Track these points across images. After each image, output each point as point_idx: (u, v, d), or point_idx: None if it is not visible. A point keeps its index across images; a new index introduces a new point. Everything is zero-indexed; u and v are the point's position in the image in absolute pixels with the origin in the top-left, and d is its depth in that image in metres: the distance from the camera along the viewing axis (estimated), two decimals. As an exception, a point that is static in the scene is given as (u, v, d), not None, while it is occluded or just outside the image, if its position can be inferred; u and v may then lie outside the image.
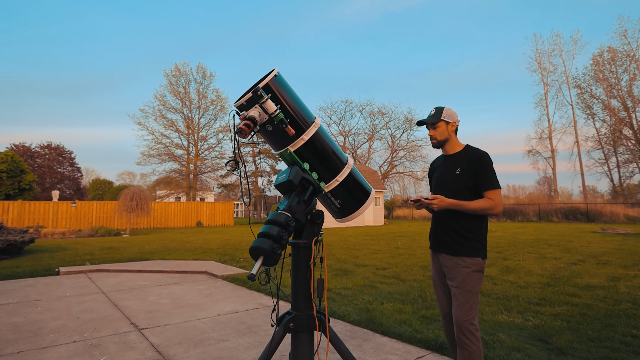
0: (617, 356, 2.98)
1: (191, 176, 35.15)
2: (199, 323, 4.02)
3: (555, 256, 8.74)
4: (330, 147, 2.05)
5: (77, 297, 5.24)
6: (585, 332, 3.54)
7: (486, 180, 2.26)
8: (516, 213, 29.56)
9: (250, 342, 3.42)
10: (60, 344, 3.40)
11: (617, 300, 4.73)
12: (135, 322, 4.07)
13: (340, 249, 10.77)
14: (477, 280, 2.23)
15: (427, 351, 3.19)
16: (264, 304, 4.82)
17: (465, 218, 2.28)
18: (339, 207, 2.17)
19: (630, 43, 36.48)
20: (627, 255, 8.74)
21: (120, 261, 8.47)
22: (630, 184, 37.39)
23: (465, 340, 2.16)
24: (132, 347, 3.34)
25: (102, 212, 23.02)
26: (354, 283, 5.85)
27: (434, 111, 2.42)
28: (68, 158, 40.32)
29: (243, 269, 7.30)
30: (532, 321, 3.90)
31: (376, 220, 27.04)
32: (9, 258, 8.99)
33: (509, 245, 11.25)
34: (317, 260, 1.96)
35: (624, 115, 36.95)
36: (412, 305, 4.54)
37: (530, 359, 2.91)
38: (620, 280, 5.96)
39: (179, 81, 35.12)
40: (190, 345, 3.37)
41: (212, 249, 10.90)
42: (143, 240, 14.18)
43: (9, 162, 22.89)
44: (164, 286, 5.94)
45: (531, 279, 6.09)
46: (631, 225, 20.75)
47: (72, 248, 11.38)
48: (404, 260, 8.34)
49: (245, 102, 1.78)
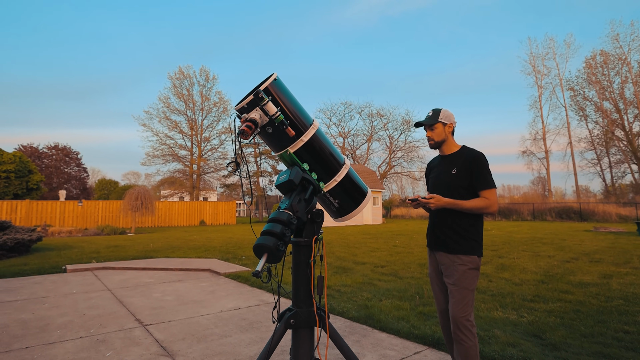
0: (610, 351, 2.97)
1: (194, 176, 35.14)
2: (202, 319, 4.02)
3: (549, 254, 8.74)
4: (328, 149, 2.06)
5: (83, 294, 5.23)
6: (579, 328, 3.54)
7: (482, 180, 2.26)
8: (511, 212, 29.55)
9: (252, 338, 3.42)
10: (67, 340, 3.40)
11: (609, 297, 4.73)
12: (140, 318, 4.07)
13: (340, 247, 10.77)
14: (473, 277, 2.23)
15: (424, 346, 3.19)
16: (265, 300, 4.82)
17: (461, 217, 2.28)
18: (338, 206, 2.17)
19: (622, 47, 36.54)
20: (619, 253, 8.74)
21: (125, 259, 8.47)
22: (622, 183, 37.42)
23: (462, 336, 2.16)
24: (137, 342, 3.34)
25: (107, 212, 23.01)
26: (353, 280, 5.85)
27: (431, 113, 2.43)
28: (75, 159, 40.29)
29: (245, 266, 7.30)
30: (526, 317, 3.90)
31: (375, 219, 27.03)
32: (17, 256, 8.98)
33: (504, 243, 11.25)
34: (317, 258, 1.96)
35: (616, 117, 36.97)
36: (410, 302, 4.53)
37: (524, 354, 2.91)
38: (613, 277, 5.96)
39: (182, 84, 35.14)
40: (193, 340, 3.37)
41: (215, 247, 10.90)
42: (148, 239, 14.17)
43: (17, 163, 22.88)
44: (168, 283, 5.94)
45: (526, 276, 6.09)
46: (623, 224, 20.74)
47: (79, 246, 11.37)
48: (401, 258, 8.34)
49: (246, 104, 1.78)
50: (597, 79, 37.86)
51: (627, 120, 36.47)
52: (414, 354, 3.03)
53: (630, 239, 12.48)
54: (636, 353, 2.95)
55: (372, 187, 27.65)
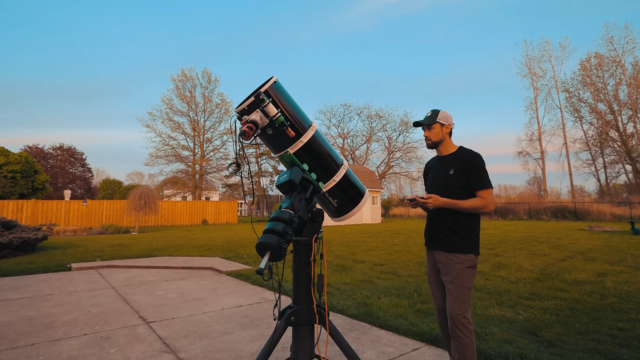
0: (604, 348, 2.97)
1: (197, 176, 35.13)
2: (205, 317, 4.01)
3: (545, 253, 8.74)
4: (326, 150, 2.06)
5: (88, 291, 5.23)
6: (574, 325, 3.54)
7: (479, 180, 2.26)
8: (507, 212, 29.52)
9: (253, 335, 3.42)
10: (72, 337, 3.40)
11: (603, 294, 4.73)
12: (143, 315, 4.07)
13: (340, 246, 10.77)
14: (470, 275, 2.23)
15: (422, 343, 3.19)
16: (266, 298, 4.82)
17: (458, 216, 2.28)
18: (336, 206, 2.17)
19: (616, 49, 36.54)
20: (613, 252, 8.74)
21: (129, 257, 8.46)
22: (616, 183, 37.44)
23: (459, 333, 2.16)
24: (140, 339, 3.34)
25: (111, 211, 23.01)
26: (352, 278, 5.85)
27: (430, 113, 2.43)
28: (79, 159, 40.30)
29: (246, 265, 7.30)
30: (522, 315, 3.89)
31: (374, 218, 27.02)
32: (23, 254, 8.98)
33: (500, 242, 11.24)
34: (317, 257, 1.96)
35: (610, 118, 36.98)
36: (408, 299, 4.53)
37: (521, 351, 2.90)
38: (607, 275, 5.96)
39: (185, 85, 35.13)
40: (196, 337, 3.37)
41: (217, 245, 10.90)
42: (151, 238, 14.17)
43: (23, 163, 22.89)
44: (171, 281, 5.94)
45: (522, 274, 6.08)
46: (617, 223, 20.73)
47: (83, 245, 11.37)
48: (400, 256, 8.33)
49: (247, 106, 1.78)
50: (591, 80, 37.87)
51: (621, 121, 36.50)
52: (412, 351, 3.03)
53: (624, 237, 12.48)
54: (630, 349, 2.95)
55: (371, 187, 27.64)
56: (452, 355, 2.24)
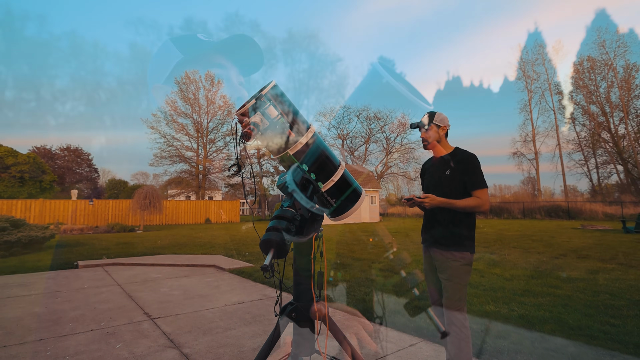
0: (597, 343, 2.97)
1: (200, 176, 35.13)
2: (208, 313, 4.01)
3: (539, 251, 8.73)
4: (325, 151, 2.06)
5: (94, 288, 5.23)
6: (567, 322, 3.54)
7: (474, 180, 2.26)
8: (502, 211, 29.51)
9: (255, 331, 3.42)
10: (79, 332, 3.40)
11: (596, 291, 4.73)
12: (148, 312, 4.07)
13: (339, 244, 10.77)
14: (466, 273, 2.23)
15: (419, 339, 3.19)
16: (267, 295, 4.82)
17: (454, 215, 2.28)
18: (334, 206, 2.17)
19: (608, 53, 36.45)
20: (605, 250, 8.74)
21: (134, 255, 8.46)
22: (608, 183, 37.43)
23: (455, 329, 2.16)
24: (145, 335, 3.34)
25: (117, 210, 23.01)
26: (351, 276, 5.85)
27: (426, 115, 2.43)
28: (86, 159, 40.29)
29: (248, 262, 7.30)
30: (517, 311, 3.89)
31: (372, 217, 27.01)
32: (32, 252, 8.99)
33: (495, 240, 11.24)
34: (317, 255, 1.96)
35: (603, 119, 36.95)
36: (406, 296, 4.53)
37: (515, 346, 2.91)
38: (599, 273, 5.96)
39: (189, 88, 35.08)
40: (199, 333, 3.37)
41: (220, 244, 10.90)
42: (156, 236, 14.17)
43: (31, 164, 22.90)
44: (175, 278, 5.94)
45: (516, 272, 6.08)
46: (609, 222, 20.72)
47: (90, 243, 11.37)
48: (397, 254, 8.33)
49: (248, 109, 1.79)
50: (584, 83, 37.84)
51: (612, 122, 36.46)
52: (410, 346, 3.03)
53: (616, 236, 12.48)
54: (622, 345, 2.95)
55: (370, 186, 27.64)
56: (449, 351, 2.24)
